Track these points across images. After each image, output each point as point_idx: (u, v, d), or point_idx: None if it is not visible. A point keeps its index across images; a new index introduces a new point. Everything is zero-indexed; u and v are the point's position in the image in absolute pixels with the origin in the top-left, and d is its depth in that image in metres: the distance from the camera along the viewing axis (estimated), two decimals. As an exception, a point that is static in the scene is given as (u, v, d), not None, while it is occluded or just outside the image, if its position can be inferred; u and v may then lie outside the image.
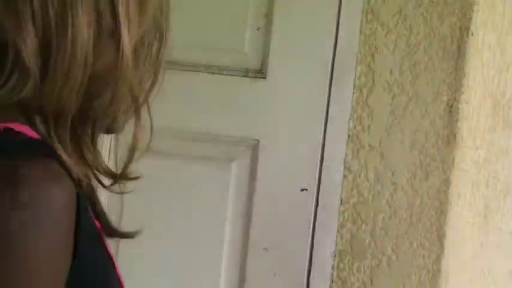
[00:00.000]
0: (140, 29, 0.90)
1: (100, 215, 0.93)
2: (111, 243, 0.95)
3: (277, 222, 2.07)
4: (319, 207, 2.05)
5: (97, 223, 0.93)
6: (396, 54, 2.01)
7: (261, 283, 2.09)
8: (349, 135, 2.03)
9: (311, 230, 2.06)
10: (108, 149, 2.07)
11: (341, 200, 2.04)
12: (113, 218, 2.21)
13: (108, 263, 0.92)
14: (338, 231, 2.05)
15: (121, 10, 0.87)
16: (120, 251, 2.10)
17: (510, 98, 2.18)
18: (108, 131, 0.94)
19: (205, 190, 2.11)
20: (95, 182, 0.93)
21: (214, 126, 2.09)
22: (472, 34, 1.98)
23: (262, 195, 2.08)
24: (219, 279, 2.11)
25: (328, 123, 2.05)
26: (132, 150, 0.92)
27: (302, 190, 2.05)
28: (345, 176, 2.04)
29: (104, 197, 0.96)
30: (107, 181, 0.94)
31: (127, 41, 0.87)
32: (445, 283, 2.02)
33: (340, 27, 2.03)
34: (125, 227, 0.96)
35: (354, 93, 2.03)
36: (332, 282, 2.06)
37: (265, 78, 2.08)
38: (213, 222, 2.11)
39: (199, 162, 2.10)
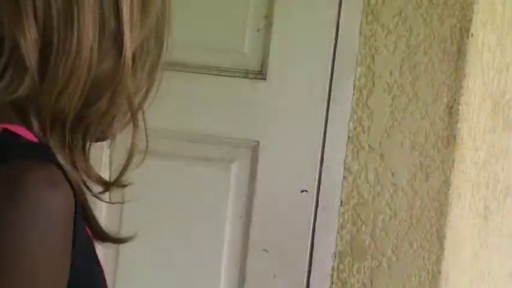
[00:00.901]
0: (141, 34, 0.88)
1: (91, 220, 0.90)
2: (111, 244, 0.94)
3: (277, 223, 2.07)
4: (319, 209, 2.05)
5: (87, 229, 0.90)
6: (396, 56, 2.01)
7: (261, 284, 2.09)
8: (349, 137, 2.03)
9: (311, 231, 2.06)
10: (106, 156, 2.07)
11: (341, 201, 2.04)
12: (113, 218, 2.22)
13: (98, 274, 0.90)
14: (338, 233, 2.05)
15: (125, 14, 0.85)
16: (120, 252, 2.10)
17: (510, 99, 2.18)
18: (99, 139, 0.92)
19: (206, 191, 2.11)
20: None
21: (215, 127, 2.09)
22: (472, 35, 1.98)
23: (262, 196, 2.08)
24: (219, 280, 2.11)
25: (328, 125, 2.05)
26: (129, 158, 0.90)
27: (302, 191, 2.05)
28: (344, 177, 2.04)
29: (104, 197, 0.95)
30: (96, 188, 0.92)
31: (129, 46, 0.86)
32: (445, 284, 2.02)
33: (340, 29, 2.03)
34: (125, 227, 0.95)
35: (353, 94, 2.03)
36: (332, 283, 2.06)
37: (265, 79, 2.08)
38: (213, 223, 2.11)
39: (199, 163, 2.10)
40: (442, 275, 2.00)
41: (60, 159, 0.84)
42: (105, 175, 0.93)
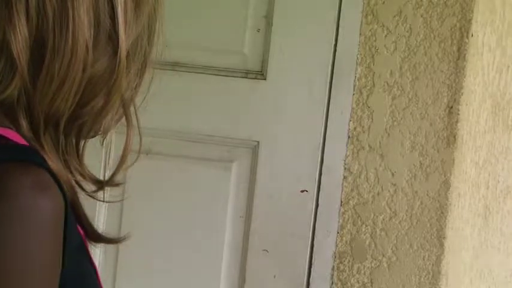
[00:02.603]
0: (135, 32, 0.87)
1: (83, 219, 0.89)
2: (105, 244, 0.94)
3: (277, 224, 2.07)
4: (319, 209, 2.05)
5: (80, 229, 0.89)
6: (396, 56, 2.01)
7: (261, 284, 2.09)
8: (349, 137, 2.03)
9: (311, 231, 2.06)
10: (105, 155, 2.06)
11: (341, 201, 2.04)
12: (112, 219, 2.21)
13: (90, 274, 0.89)
14: (338, 233, 2.05)
15: (120, 12, 0.84)
16: (120, 252, 2.10)
17: (510, 99, 2.18)
18: (91, 136, 0.91)
19: (206, 191, 2.11)
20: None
21: (215, 127, 2.09)
22: (472, 35, 1.98)
23: (262, 197, 2.08)
24: (219, 281, 2.11)
25: (328, 125, 2.05)
26: (123, 157, 0.90)
27: (302, 191, 2.05)
28: (344, 177, 2.04)
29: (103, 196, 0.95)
30: (90, 187, 0.92)
31: (124, 46, 0.85)
32: (445, 284, 2.02)
33: (340, 29, 2.03)
34: (125, 227, 0.95)
35: (353, 94, 2.03)
36: (332, 283, 2.06)
37: (265, 79, 2.08)
38: (213, 224, 2.11)
39: (199, 163, 2.10)
40: (442, 275, 2.00)
41: (53, 159, 0.83)
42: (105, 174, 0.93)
